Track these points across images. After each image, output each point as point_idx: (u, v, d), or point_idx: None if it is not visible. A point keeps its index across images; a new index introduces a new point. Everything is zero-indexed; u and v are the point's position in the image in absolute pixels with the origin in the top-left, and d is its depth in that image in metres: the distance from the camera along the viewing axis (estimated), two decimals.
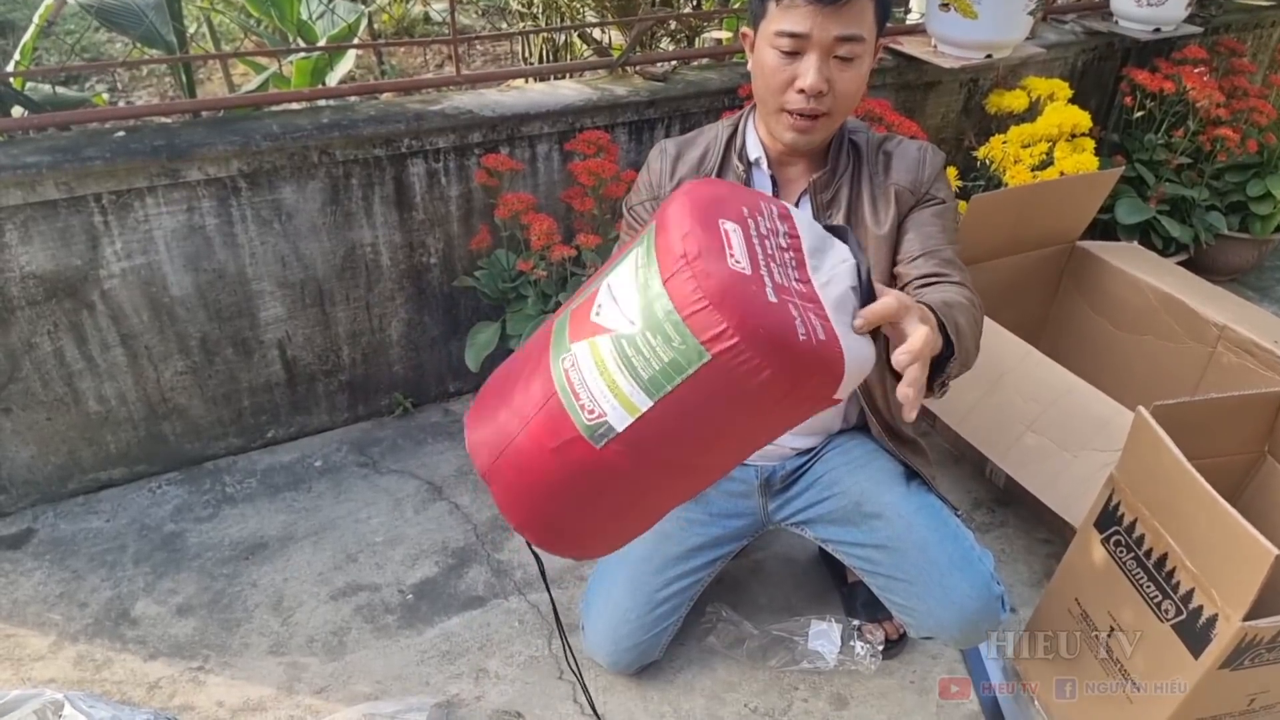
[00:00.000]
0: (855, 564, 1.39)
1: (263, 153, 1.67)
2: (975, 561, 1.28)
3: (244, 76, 3.09)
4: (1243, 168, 2.61)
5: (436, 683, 1.49)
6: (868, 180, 1.25)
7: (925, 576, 1.28)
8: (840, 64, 1.11)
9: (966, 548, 1.29)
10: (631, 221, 1.33)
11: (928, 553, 1.29)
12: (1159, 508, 1.21)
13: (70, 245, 1.61)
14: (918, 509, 1.32)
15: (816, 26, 1.07)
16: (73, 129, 1.65)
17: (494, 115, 1.84)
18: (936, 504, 1.35)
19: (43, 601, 1.62)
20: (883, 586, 1.35)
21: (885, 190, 1.25)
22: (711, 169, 1.27)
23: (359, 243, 1.87)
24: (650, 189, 1.31)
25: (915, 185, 1.26)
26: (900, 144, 1.28)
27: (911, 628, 1.34)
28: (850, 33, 1.08)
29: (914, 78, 2.38)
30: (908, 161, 1.26)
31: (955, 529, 1.31)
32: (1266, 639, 1.10)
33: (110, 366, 1.75)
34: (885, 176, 1.26)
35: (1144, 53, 2.77)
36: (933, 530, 1.30)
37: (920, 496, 1.35)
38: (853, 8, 1.07)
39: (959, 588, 1.26)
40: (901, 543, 1.30)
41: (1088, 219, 2.11)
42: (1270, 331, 1.84)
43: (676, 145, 1.31)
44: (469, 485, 1.91)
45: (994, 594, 1.28)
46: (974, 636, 1.29)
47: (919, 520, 1.31)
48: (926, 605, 1.28)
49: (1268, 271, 2.88)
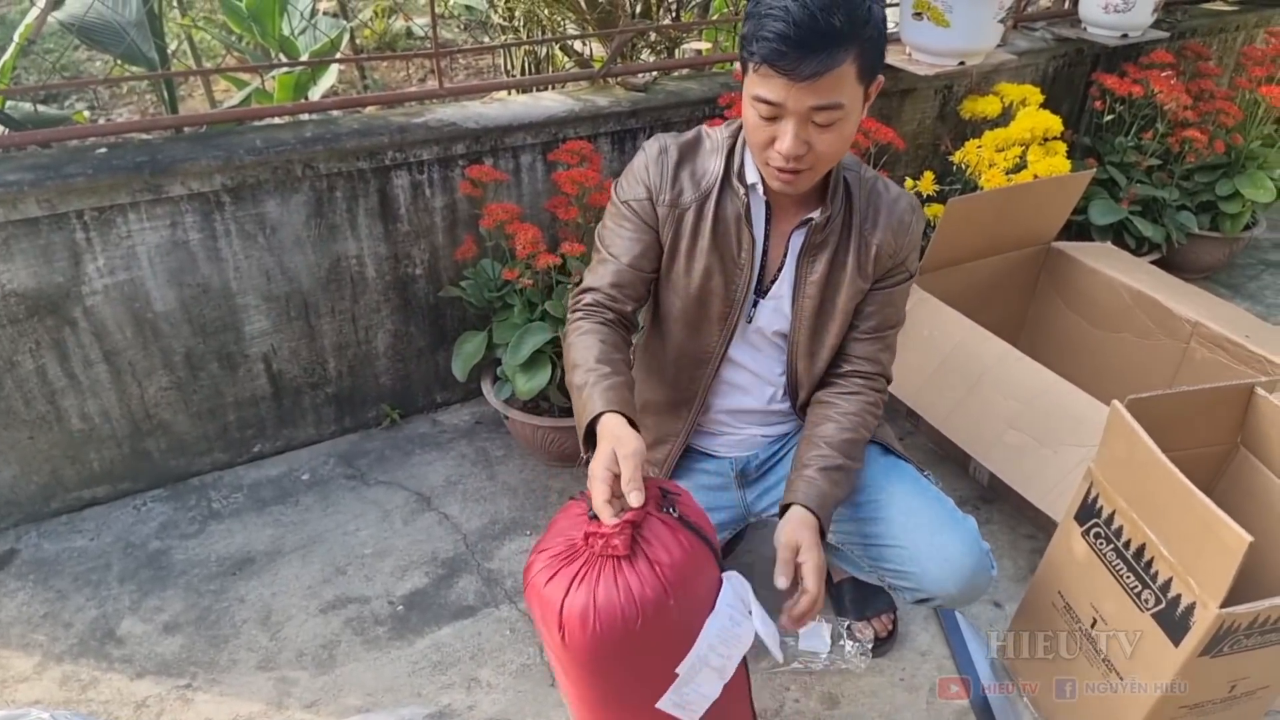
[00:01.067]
0: (843, 540, 1.40)
1: (246, 167, 1.68)
2: (961, 520, 1.32)
3: (226, 94, 3.09)
4: (1211, 168, 2.67)
5: (428, 693, 1.49)
6: (856, 229, 1.27)
7: (916, 540, 1.30)
8: (819, 128, 1.10)
9: (950, 509, 1.33)
10: (624, 214, 1.28)
11: (915, 517, 1.32)
12: (1136, 499, 1.24)
13: (52, 262, 1.61)
14: (898, 479, 1.36)
15: (791, 98, 1.06)
16: (54, 146, 1.65)
17: (477, 127, 1.86)
18: (914, 473, 1.39)
19: (26, 622, 1.60)
20: (876, 558, 1.36)
21: (869, 245, 1.28)
22: (713, 187, 1.26)
23: (344, 255, 1.87)
24: (648, 188, 1.27)
25: (895, 252, 1.29)
26: (893, 193, 1.30)
27: (909, 593, 1.35)
28: (826, 102, 1.07)
29: (890, 85, 2.42)
30: (897, 220, 1.28)
31: (936, 494, 1.35)
32: (1244, 625, 1.13)
33: (93, 383, 1.74)
34: (873, 227, 1.28)
35: (1113, 58, 2.83)
36: (915, 496, 1.34)
37: (895, 465, 1.39)
38: (828, 79, 1.04)
39: (951, 545, 1.28)
40: (887, 512, 1.33)
41: (1062, 220, 2.15)
42: (1241, 326, 1.88)
43: (678, 148, 1.27)
44: (458, 495, 1.92)
45: (983, 549, 1.31)
46: (971, 593, 1.30)
47: (901, 489, 1.35)
48: (922, 567, 1.29)
49: (1238, 269, 2.94)
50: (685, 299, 1.30)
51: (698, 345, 1.34)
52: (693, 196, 1.26)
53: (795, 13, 1.02)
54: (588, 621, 0.99)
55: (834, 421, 1.31)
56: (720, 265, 1.27)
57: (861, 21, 1.04)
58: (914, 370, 1.89)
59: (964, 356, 1.87)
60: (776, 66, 1.04)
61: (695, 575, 1.06)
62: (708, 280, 1.28)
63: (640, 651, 1.04)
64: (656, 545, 1.03)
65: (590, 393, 1.16)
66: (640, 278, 1.29)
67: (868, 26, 1.05)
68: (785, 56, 1.03)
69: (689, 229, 1.26)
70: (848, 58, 1.05)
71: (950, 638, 1.61)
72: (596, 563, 1.01)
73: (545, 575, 1.03)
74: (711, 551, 1.11)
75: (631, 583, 1.00)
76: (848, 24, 1.02)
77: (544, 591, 1.02)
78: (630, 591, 0.99)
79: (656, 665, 1.07)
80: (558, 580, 1.01)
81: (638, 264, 1.28)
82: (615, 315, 1.28)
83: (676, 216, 1.26)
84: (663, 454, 1.44)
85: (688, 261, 1.28)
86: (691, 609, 1.06)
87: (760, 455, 1.46)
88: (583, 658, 1.03)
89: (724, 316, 1.31)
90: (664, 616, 1.01)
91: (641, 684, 1.08)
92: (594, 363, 1.20)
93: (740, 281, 1.28)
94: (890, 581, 1.37)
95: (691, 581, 1.05)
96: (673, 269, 1.29)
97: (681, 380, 1.38)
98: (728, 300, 1.30)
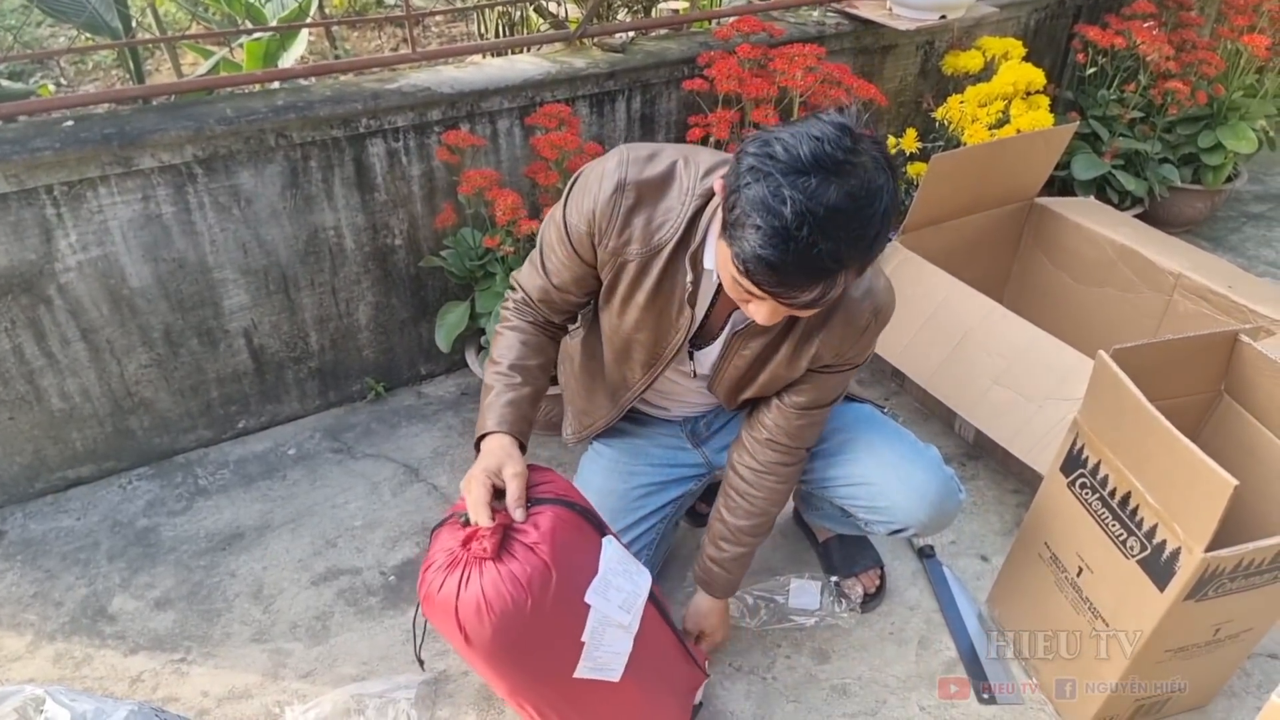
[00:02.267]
0: (814, 488, 1.42)
1: (217, 137, 1.64)
2: (923, 450, 1.35)
3: (193, 66, 3.01)
4: (1193, 120, 2.67)
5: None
6: (803, 321, 1.15)
7: (882, 475, 1.33)
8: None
9: (911, 441, 1.36)
10: (564, 236, 1.16)
11: (878, 453, 1.34)
12: (1121, 448, 1.25)
13: (23, 239, 1.57)
14: (856, 419, 1.38)
15: (770, 299, 0.95)
16: (20, 121, 1.61)
17: (452, 92, 1.82)
18: (869, 409, 1.41)
19: (16, 602, 1.59)
20: (846, 496, 1.38)
21: (810, 342, 1.16)
22: (663, 248, 1.11)
23: (321, 226, 1.84)
24: (590, 227, 1.12)
25: (839, 354, 1.19)
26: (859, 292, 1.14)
27: (882, 526, 1.38)
28: (818, 305, 0.95)
29: (871, 42, 2.39)
30: (847, 329, 1.15)
31: (895, 428, 1.38)
32: (1228, 569, 1.15)
33: (72, 362, 1.71)
34: (820, 325, 1.15)
35: (1095, 9, 2.81)
36: (876, 432, 1.36)
37: (853, 408, 1.40)
38: (820, 292, 0.92)
39: (917, 476, 1.32)
40: (851, 450, 1.35)
41: (1045, 174, 2.14)
42: (1224, 277, 1.89)
43: (637, 190, 1.10)
44: (445, 466, 1.91)
45: (947, 474, 1.34)
46: (942, 518, 1.34)
47: (860, 427, 1.37)
48: (891, 500, 1.33)
49: (1220, 221, 2.95)
50: (615, 335, 1.26)
51: (621, 375, 1.33)
52: (639, 251, 1.12)
53: (789, 250, 0.86)
54: (482, 615, 1.03)
55: (744, 504, 1.33)
56: (652, 323, 1.20)
57: (866, 248, 0.90)
58: (899, 329, 1.89)
59: (948, 314, 1.87)
60: (764, 289, 0.93)
61: (573, 545, 1.10)
62: (637, 332, 1.22)
63: (540, 630, 1.07)
64: (527, 529, 1.07)
65: (493, 403, 1.18)
66: (567, 300, 1.24)
67: (874, 250, 0.92)
68: (767, 283, 0.91)
69: (629, 279, 1.16)
70: (848, 273, 0.92)
71: (938, 591, 1.63)
72: (477, 563, 1.05)
73: (435, 585, 1.06)
74: (584, 519, 1.14)
75: (514, 568, 1.04)
76: (850, 257, 0.89)
77: (437, 600, 1.06)
78: (514, 576, 1.04)
79: (560, 638, 1.11)
80: (446, 586, 1.05)
81: (566, 289, 1.22)
82: (543, 318, 1.27)
83: (618, 264, 1.15)
84: (589, 422, 1.45)
85: (622, 306, 1.20)
86: (577, 577, 1.10)
87: (707, 415, 1.47)
88: (489, 650, 1.06)
89: (649, 365, 1.28)
90: (551, 591, 1.06)
91: (554, 658, 1.12)
92: (507, 367, 1.22)
93: (670, 343, 1.22)
94: (863, 518, 1.40)
95: (571, 551, 1.09)
96: (609, 304, 1.22)
97: (610, 383, 1.37)
98: (654, 354, 1.25)
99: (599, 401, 1.41)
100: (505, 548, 1.06)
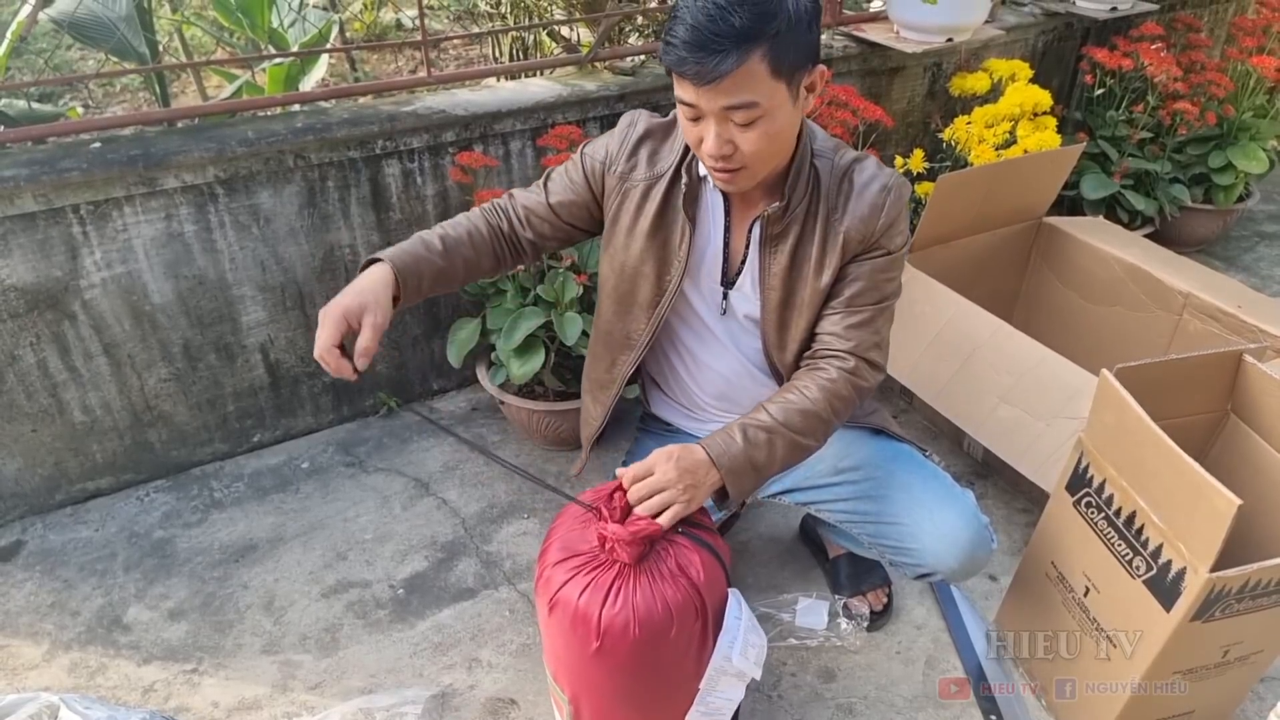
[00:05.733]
0: (842, 519, 1.40)
1: (238, 158, 1.69)
2: (959, 495, 1.31)
3: (217, 89, 3.09)
4: (1203, 140, 2.67)
5: (430, 674, 1.51)
6: (822, 219, 1.21)
7: (914, 516, 1.30)
8: (740, 127, 1.06)
9: (948, 484, 1.33)
10: (577, 163, 1.30)
11: (912, 493, 1.32)
12: (1126, 467, 1.25)
13: (50, 256, 1.62)
14: (893, 456, 1.37)
15: (702, 100, 1.04)
16: (49, 142, 1.66)
17: (466, 114, 1.86)
18: (908, 449, 1.39)
19: (34, 611, 1.62)
20: (874, 534, 1.36)
21: (836, 234, 1.21)
22: (665, 172, 1.25)
23: (337, 244, 1.88)
24: (606, 153, 1.27)
25: (866, 236, 1.21)
26: (865, 178, 1.21)
27: (909, 569, 1.35)
28: (737, 102, 1.03)
29: (879, 63, 2.42)
30: (865, 206, 1.20)
31: (933, 469, 1.35)
32: (1234, 589, 1.14)
33: (94, 376, 1.75)
34: (841, 215, 1.20)
35: (1102, 31, 2.83)
36: (911, 473, 1.34)
37: (892, 445, 1.39)
38: (733, 79, 1.01)
39: (949, 520, 1.28)
40: (884, 489, 1.34)
41: (1053, 194, 2.15)
42: (1234, 296, 1.89)
43: (647, 125, 1.27)
44: (456, 480, 1.93)
45: (982, 523, 1.30)
46: (971, 567, 1.30)
47: (897, 466, 1.35)
48: (921, 543, 1.29)
49: (1234, 241, 2.94)
50: (618, 274, 1.30)
51: (624, 328, 1.34)
52: (644, 176, 1.25)
53: (695, 15, 1.00)
54: (629, 630, 1.05)
55: (786, 393, 1.22)
56: (657, 253, 1.26)
57: (769, 16, 1.00)
58: (907, 347, 1.90)
59: (956, 333, 1.87)
60: (682, 71, 1.03)
61: (714, 587, 1.13)
62: (641, 264, 1.28)
63: (667, 657, 1.10)
64: (682, 557, 1.10)
65: (399, 244, 1.21)
66: (554, 223, 1.30)
67: (776, 20, 1.01)
68: (687, 61, 1.01)
69: (633, 207, 1.26)
70: (754, 55, 1.01)
71: (946, 610, 1.62)
72: (627, 573, 1.07)
73: (577, 588, 1.08)
74: (722, 567, 1.17)
75: (667, 592, 1.07)
76: (751, 22, 0.99)
77: (579, 603, 1.07)
78: (666, 601, 1.06)
79: (676, 671, 1.14)
80: (591, 591, 1.07)
81: (559, 210, 1.29)
82: (508, 227, 1.30)
83: (623, 190, 1.26)
84: (588, 433, 1.47)
85: (627, 238, 1.28)
86: (714, 618, 1.13)
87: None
88: (615, 662, 1.08)
89: (652, 304, 1.30)
90: (692, 625, 1.09)
91: (663, 685, 1.15)
92: (438, 235, 1.24)
93: (673, 273, 1.27)
94: (890, 558, 1.38)
95: (713, 592, 1.12)
96: (613, 240, 1.30)
97: (610, 360, 1.39)
98: (658, 288, 1.28)
99: (598, 391, 1.42)
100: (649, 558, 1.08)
